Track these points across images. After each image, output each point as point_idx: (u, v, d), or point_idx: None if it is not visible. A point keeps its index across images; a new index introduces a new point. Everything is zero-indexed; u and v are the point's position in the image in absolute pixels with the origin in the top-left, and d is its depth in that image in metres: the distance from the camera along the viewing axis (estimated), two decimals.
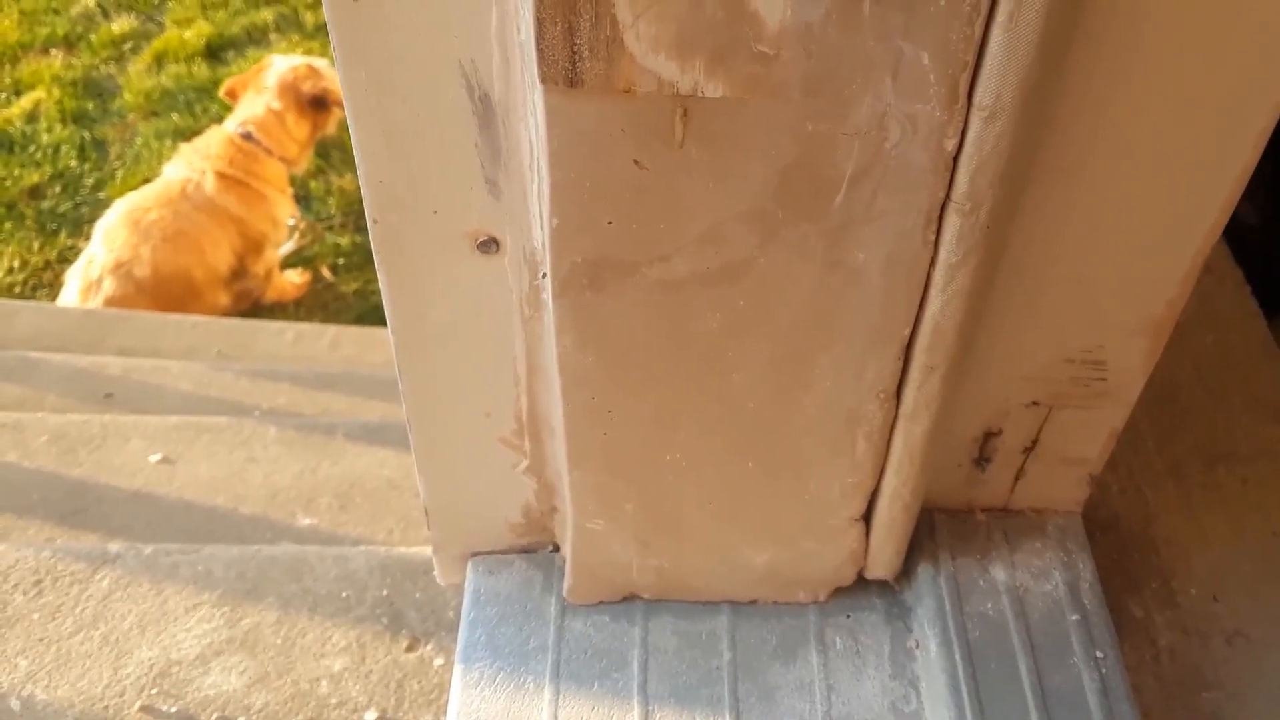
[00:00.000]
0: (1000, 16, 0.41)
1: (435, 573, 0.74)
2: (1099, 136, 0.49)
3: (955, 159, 0.46)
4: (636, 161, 0.46)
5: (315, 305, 2.67)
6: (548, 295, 0.53)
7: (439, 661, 1.04)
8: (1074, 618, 0.66)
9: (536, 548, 0.72)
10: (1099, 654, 0.65)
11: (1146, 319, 0.58)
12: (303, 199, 2.82)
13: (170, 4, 3.33)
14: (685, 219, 0.48)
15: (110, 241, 2.39)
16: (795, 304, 0.52)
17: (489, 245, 0.53)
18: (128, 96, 3.03)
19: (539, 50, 0.42)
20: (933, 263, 0.50)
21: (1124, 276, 0.56)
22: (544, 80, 0.43)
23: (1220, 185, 0.51)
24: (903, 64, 0.43)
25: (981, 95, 0.44)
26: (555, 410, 0.59)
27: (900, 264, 0.50)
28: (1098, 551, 0.75)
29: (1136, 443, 0.89)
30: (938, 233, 0.49)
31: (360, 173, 0.50)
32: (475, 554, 0.72)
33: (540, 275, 0.54)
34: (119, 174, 2.85)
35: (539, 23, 0.41)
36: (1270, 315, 1.07)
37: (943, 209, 0.48)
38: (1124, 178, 0.51)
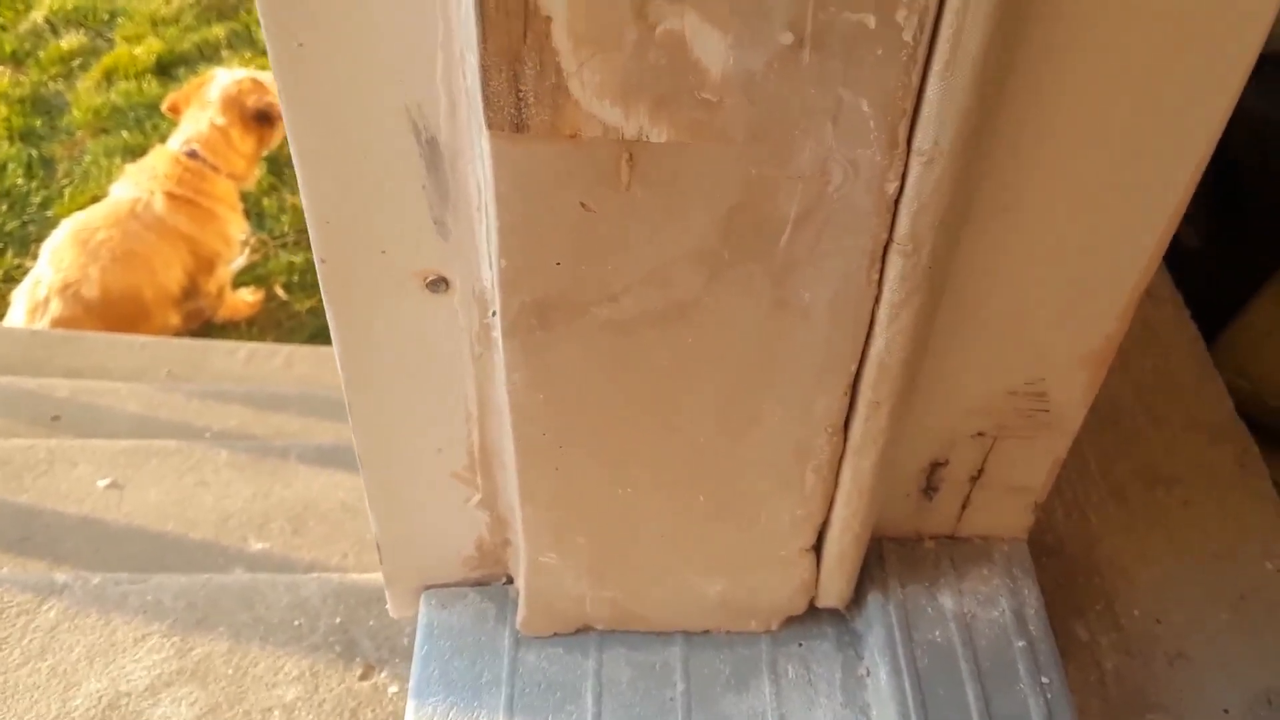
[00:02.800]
0: (936, 65, 0.42)
1: (388, 606, 0.74)
2: (1035, 179, 0.50)
3: (896, 202, 0.47)
4: (583, 204, 0.47)
5: (269, 324, 2.65)
6: (498, 333, 0.53)
7: (393, 689, 1.03)
8: (1020, 644, 0.67)
9: (489, 580, 0.72)
10: (1044, 679, 0.66)
11: (1087, 352, 0.60)
12: (256, 216, 2.80)
13: (120, 20, 3.30)
14: (633, 260, 0.49)
15: (57, 262, 2.36)
16: (743, 342, 0.53)
17: (438, 284, 0.53)
18: (76, 113, 2.99)
19: (485, 97, 0.42)
20: (877, 301, 0.51)
21: (1063, 312, 0.57)
22: (490, 126, 0.43)
23: (1154, 224, 0.53)
24: (843, 111, 0.44)
25: (920, 141, 0.45)
26: (507, 446, 0.59)
27: (845, 303, 0.51)
28: (1044, 575, 0.76)
29: (1080, 466, 0.91)
30: (881, 273, 0.50)
31: (307, 213, 0.50)
32: (428, 587, 0.72)
33: (490, 313, 0.54)
34: (67, 192, 2.81)
35: (484, 70, 0.42)
36: (1210, 338, 1.10)
37: (885, 250, 0.49)
38: (1060, 217, 0.52)
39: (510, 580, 0.72)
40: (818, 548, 0.65)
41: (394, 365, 0.57)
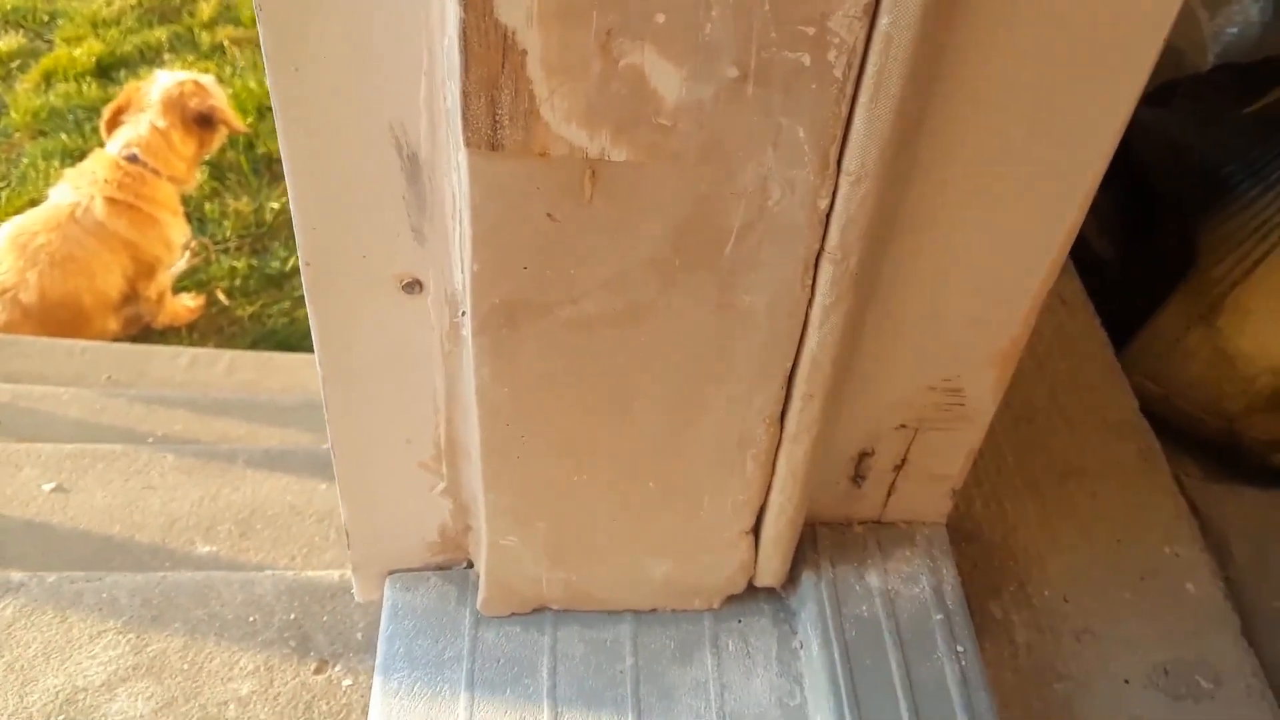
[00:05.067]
0: (863, 99, 0.48)
1: (354, 590, 0.78)
2: (948, 198, 0.57)
3: (828, 216, 0.53)
4: (550, 215, 0.52)
5: (210, 330, 2.64)
6: (467, 332, 0.58)
7: (347, 682, 1.06)
8: (938, 617, 0.74)
9: (451, 564, 0.77)
10: (960, 649, 0.72)
11: (996, 352, 0.66)
12: (197, 220, 2.79)
13: (60, 21, 3.26)
14: (593, 266, 0.54)
15: None
16: (691, 340, 0.58)
17: (413, 286, 0.58)
18: (14, 115, 2.96)
19: (464, 119, 0.47)
20: (810, 304, 0.57)
21: (975, 315, 0.64)
22: (468, 144, 0.48)
23: (1052, 239, 0.59)
24: (781, 136, 0.50)
25: (849, 162, 0.51)
26: (472, 436, 0.64)
27: (782, 305, 0.57)
28: (963, 559, 0.82)
29: (998, 460, 0.98)
30: (814, 279, 0.56)
31: (295, 220, 0.54)
32: (393, 571, 0.76)
33: (460, 313, 0.59)
34: (4, 195, 2.78)
35: (465, 95, 0.47)
36: (1121, 343, 1.18)
37: (818, 258, 0.55)
38: (970, 232, 0.59)
39: (470, 564, 0.77)
40: (756, 530, 0.71)
41: (369, 361, 0.62)
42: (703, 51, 0.46)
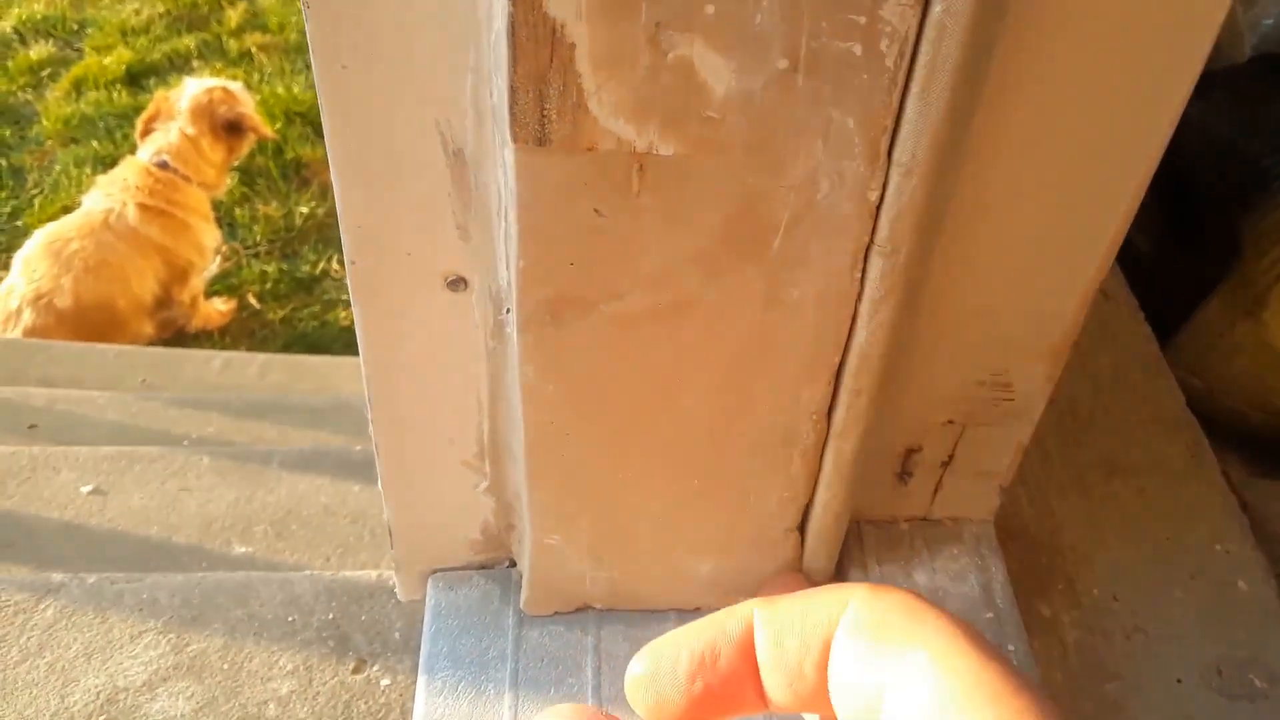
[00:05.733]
0: (914, 88, 0.48)
1: (397, 589, 0.78)
2: (1001, 188, 0.56)
3: (878, 208, 0.52)
4: (597, 210, 0.51)
5: (241, 333, 2.66)
6: (511, 329, 0.58)
7: (385, 681, 1.07)
8: (988, 615, 0.73)
9: (494, 564, 0.76)
10: (1010, 647, 0.71)
11: (1046, 346, 0.65)
12: (227, 225, 2.81)
13: (90, 30, 3.30)
14: (640, 261, 0.54)
15: (30, 272, 2.36)
16: (738, 336, 0.58)
17: (458, 284, 0.58)
18: (46, 123, 2.99)
19: (512, 114, 0.47)
20: (859, 298, 0.56)
21: (1026, 309, 0.63)
22: (515, 140, 0.48)
23: (1105, 229, 0.58)
24: (831, 128, 0.49)
25: (899, 154, 0.50)
26: (515, 434, 0.64)
27: (830, 300, 0.56)
28: (1010, 558, 0.81)
29: (1043, 458, 0.97)
30: (863, 272, 0.55)
31: (341, 219, 0.54)
32: (436, 570, 0.76)
33: (504, 310, 0.59)
34: (37, 202, 2.82)
35: (513, 90, 0.46)
36: (1161, 339, 1.17)
37: (867, 251, 0.54)
38: (1022, 225, 0.58)
39: (513, 563, 0.76)
40: (802, 528, 0.70)
41: (413, 359, 0.61)
42: (752, 42, 0.46)
